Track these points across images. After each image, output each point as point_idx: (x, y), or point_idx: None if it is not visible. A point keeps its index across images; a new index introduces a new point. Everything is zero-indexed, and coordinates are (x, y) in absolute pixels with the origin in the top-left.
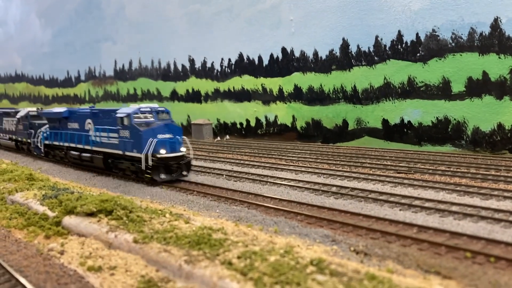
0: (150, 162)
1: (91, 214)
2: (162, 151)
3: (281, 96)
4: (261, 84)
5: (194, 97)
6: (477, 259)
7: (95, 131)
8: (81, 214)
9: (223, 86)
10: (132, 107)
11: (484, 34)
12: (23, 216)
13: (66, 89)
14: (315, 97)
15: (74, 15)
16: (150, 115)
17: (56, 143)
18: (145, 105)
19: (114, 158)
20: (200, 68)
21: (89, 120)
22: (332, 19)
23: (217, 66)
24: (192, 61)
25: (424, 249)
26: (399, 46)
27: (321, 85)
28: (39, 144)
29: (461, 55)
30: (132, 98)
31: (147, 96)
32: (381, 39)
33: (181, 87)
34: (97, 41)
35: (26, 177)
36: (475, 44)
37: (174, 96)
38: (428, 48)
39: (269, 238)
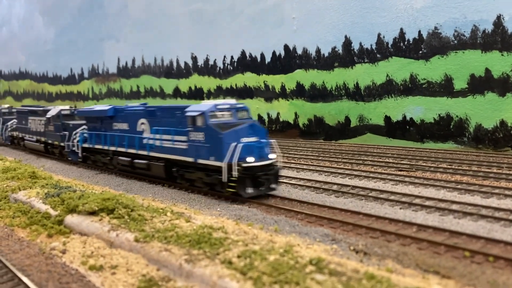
0: (235, 173)
1: (93, 213)
2: (250, 159)
3: (283, 93)
4: (264, 81)
5: (196, 94)
6: (476, 258)
7: (152, 133)
8: (83, 213)
9: (226, 83)
10: (206, 103)
11: (486, 31)
12: (26, 214)
13: (70, 86)
14: (318, 94)
15: (77, 13)
16: (229, 113)
17: (98, 146)
18: (222, 101)
19: (180, 166)
20: (202, 65)
21: (143, 120)
22: (335, 17)
23: (220, 64)
24: (194, 59)
25: (424, 248)
26: (402, 44)
27: (323, 82)
28: (75, 148)
29: (463, 52)
30: (135, 95)
31: (150, 93)
32: (384, 37)
33: (184, 84)
34: (100, 39)
35: (29, 175)
36: (478, 41)
37: (177, 93)
38: (431, 45)
39: (269, 237)
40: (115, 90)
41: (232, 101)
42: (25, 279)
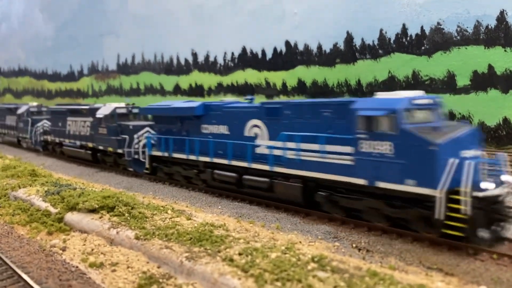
0: (467, 208)
1: (93, 211)
2: (487, 184)
3: (284, 90)
4: (265, 78)
5: (197, 91)
6: (480, 255)
7: (280, 139)
8: (83, 211)
9: (226, 80)
10: (388, 96)
11: (490, 27)
12: (25, 212)
13: (69, 83)
14: (319, 90)
15: (77, 9)
16: (429, 111)
17: (178, 155)
18: (411, 94)
19: (331, 189)
20: (203, 62)
21: (256, 121)
22: (336, 12)
23: (220, 60)
24: (195, 55)
25: (427, 245)
26: (404, 39)
27: (325, 79)
28: (140, 156)
29: (466, 48)
30: (135, 92)
31: (150, 90)
32: (386, 32)
33: (184, 81)
34: (100, 35)
35: (29, 173)
36: (481, 37)
37: (177, 90)
38: (433, 41)
39: (270, 235)
40: (114, 87)
41: (420, 92)
42: (25, 276)
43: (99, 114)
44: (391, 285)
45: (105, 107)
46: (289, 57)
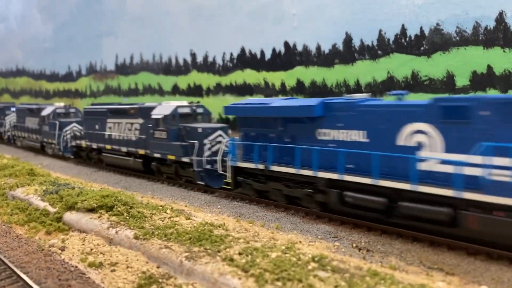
0: None
1: (92, 210)
2: None
3: (283, 91)
4: (263, 78)
5: (195, 91)
6: (480, 255)
7: (473, 153)
8: (82, 210)
9: (225, 80)
10: None
11: (489, 28)
12: (24, 211)
13: (67, 83)
14: (318, 91)
15: (75, 9)
16: None
17: (280, 169)
18: None
19: None
20: (201, 62)
21: (420, 125)
22: (335, 13)
23: (219, 60)
24: (193, 55)
25: (427, 245)
26: (403, 40)
27: (323, 79)
28: (219, 168)
29: (465, 49)
30: (133, 92)
31: (149, 90)
32: (385, 33)
33: (183, 81)
34: (98, 35)
35: (27, 172)
36: (480, 38)
37: (176, 90)
38: (432, 42)
39: (270, 235)
40: (113, 87)
41: None
42: (24, 276)
43: (156, 114)
44: (392, 285)
45: (163, 106)
46: (288, 57)
